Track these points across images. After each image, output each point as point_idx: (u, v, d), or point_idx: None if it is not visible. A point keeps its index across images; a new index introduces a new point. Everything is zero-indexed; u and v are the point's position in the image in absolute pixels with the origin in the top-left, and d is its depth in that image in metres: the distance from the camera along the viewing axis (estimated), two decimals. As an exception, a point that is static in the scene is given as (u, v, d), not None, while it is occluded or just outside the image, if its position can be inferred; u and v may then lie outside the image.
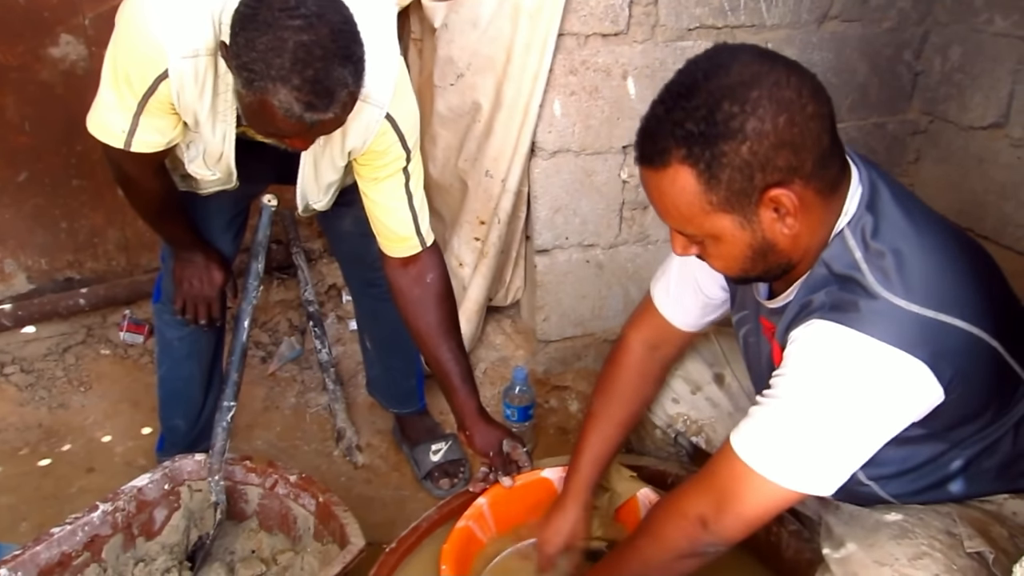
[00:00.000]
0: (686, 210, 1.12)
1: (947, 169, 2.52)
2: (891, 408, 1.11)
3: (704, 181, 1.08)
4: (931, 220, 1.19)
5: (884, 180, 1.19)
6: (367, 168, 1.61)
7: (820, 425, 1.11)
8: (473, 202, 2.30)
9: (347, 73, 1.28)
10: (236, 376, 1.69)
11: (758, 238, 1.13)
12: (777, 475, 1.13)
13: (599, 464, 1.58)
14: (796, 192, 1.09)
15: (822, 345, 1.12)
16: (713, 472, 1.21)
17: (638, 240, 2.40)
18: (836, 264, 1.14)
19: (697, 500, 1.21)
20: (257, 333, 2.63)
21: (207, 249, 1.81)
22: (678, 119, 1.07)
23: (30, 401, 2.38)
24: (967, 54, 2.38)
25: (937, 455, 1.24)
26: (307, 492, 1.69)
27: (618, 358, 1.60)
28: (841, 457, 1.13)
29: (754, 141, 1.05)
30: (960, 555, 1.15)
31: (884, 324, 1.08)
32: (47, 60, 2.34)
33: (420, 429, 2.22)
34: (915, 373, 1.08)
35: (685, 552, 1.24)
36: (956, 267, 1.15)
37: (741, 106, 1.05)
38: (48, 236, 2.53)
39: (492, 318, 2.58)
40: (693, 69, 1.10)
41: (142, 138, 1.48)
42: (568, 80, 2.15)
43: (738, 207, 1.10)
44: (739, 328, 1.45)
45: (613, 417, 1.59)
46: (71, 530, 1.57)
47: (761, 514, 1.17)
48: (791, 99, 1.06)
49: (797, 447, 1.12)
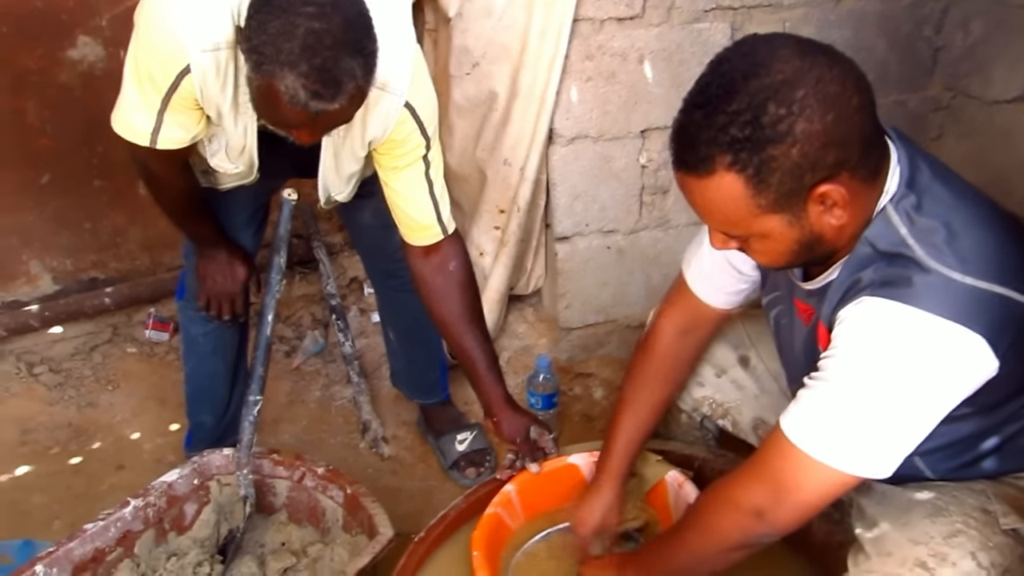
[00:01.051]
0: (733, 215, 1.10)
1: (971, 145, 2.48)
2: (948, 384, 1.08)
3: (753, 186, 1.05)
4: (973, 193, 1.16)
5: (922, 155, 1.17)
6: (387, 157, 1.61)
7: (876, 405, 1.08)
8: (492, 191, 2.29)
9: (356, 65, 1.27)
10: (261, 370, 1.69)
11: (806, 233, 1.11)
12: (834, 459, 1.09)
13: (632, 448, 1.57)
14: (843, 184, 1.07)
15: (875, 322, 1.09)
16: (765, 460, 1.17)
17: (659, 225, 2.38)
18: (881, 242, 1.12)
19: (751, 490, 1.17)
20: (280, 327, 2.64)
21: (229, 245, 1.82)
22: (721, 124, 1.04)
23: (59, 400, 2.41)
24: (989, 27, 2.34)
25: (979, 431, 1.22)
26: (335, 484, 1.70)
27: (649, 344, 1.58)
28: (899, 437, 1.09)
29: (804, 143, 1.02)
30: (996, 532, 1.14)
31: (940, 298, 1.05)
32: (66, 62, 2.35)
33: (445, 419, 2.22)
34: (973, 347, 1.06)
35: (738, 544, 1.21)
36: (1005, 238, 1.12)
37: (788, 107, 1.01)
38: (72, 237, 2.54)
39: (514, 307, 2.58)
40: (728, 68, 1.06)
41: (167, 135, 1.48)
42: (584, 66, 2.13)
43: (787, 207, 1.08)
44: (770, 309, 1.43)
45: (646, 402, 1.58)
46: (104, 526, 1.58)
47: (819, 501, 1.13)
48: (837, 94, 1.03)
49: (853, 429, 1.09)
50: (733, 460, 1.68)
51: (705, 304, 1.52)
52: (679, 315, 1.56)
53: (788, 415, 1.14)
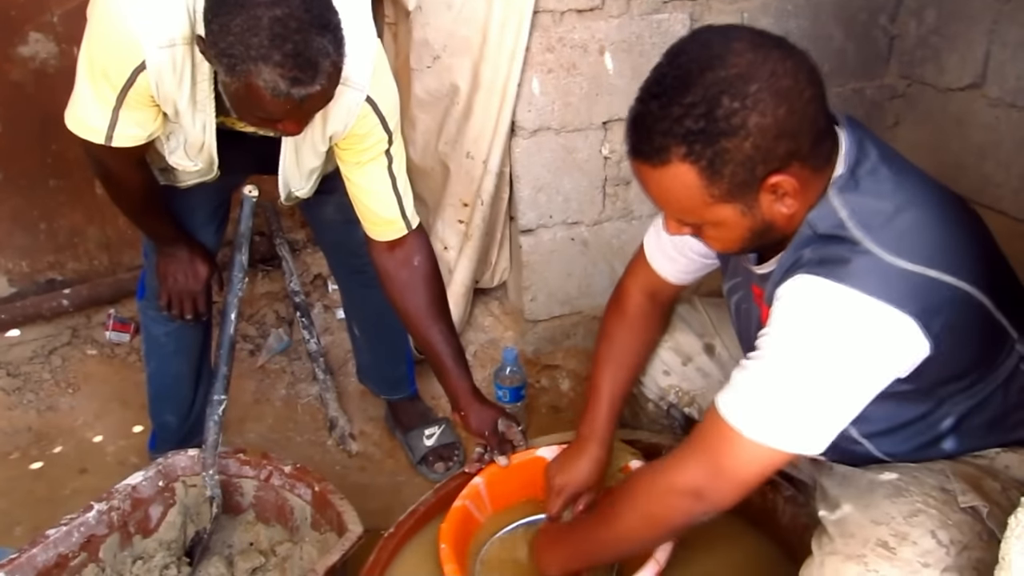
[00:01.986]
0: (687, 204, 1.12)
1: (927, 132, 2.52)
2: (877, 363, 1.10)
3: (706, 177, 1.08)
4: (918, 178, 1.19)
5: (872, 141, 1.19)
6: (349, 152, 1.60)
7: (805, 382, 1.10)
8: (455, 185, 2.29)
9: (327, 42, 1.27)
10: (225, 369, 1.68)
11: (758, 221, 1.14)
12: (767, 437, 1.11)
13: (615, 405, 1.58)
14: (794, 174, 1.09)
15: (806, 299, 1.11)
16: (702, 439, 1.18)
17: (622, 216, 2.39)
18: (821, 224, 1.14)
19: (688, 471, 1.18)
20: (244, 326, 2.61)
21: (190, 243, 1.80)
22: (676, 116, 1.06)
23: (18, 405, 2.36)
24: (942, 16, 2.38)
25: (927, 412, 1.25)
26: (302, 482, 1.69)
27: (619, 304, 1.61)
28: (828, 414, 1.11)
29: (756, 136, 1.05)
30: (955, 510, 1.17)
31: (871, 278, 1.08)
32: (17, 59, 2.31)
33: (412, 414, 2.22)
34: (902, 328, 1.08)
35: (679, 527, 1.23)
36: (944, 223, 1.15)
37: (742, 101, 1.03)
38: (27, 238, 2.50)
39: (479, 300, 2.58)
40: (685, 60, 1.08)
41: (123, 132, 1.46)
42: (545, 58, 2.14)
43: (740, 197, 1.10)
44: (731, 296, 1.45)
45: (622, 360, 1.59)
46: (67, 531, 1.56)
47: (755, 478, 1.15)
48: (789, 87, 1.05)
49: (784, 407, 1.11)
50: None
51: (661, 277, 1.56)
52: (643, 280, 1.59)
53: (723, 395, 1.16)
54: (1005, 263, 1.28)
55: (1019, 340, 1.24)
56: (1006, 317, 1.21)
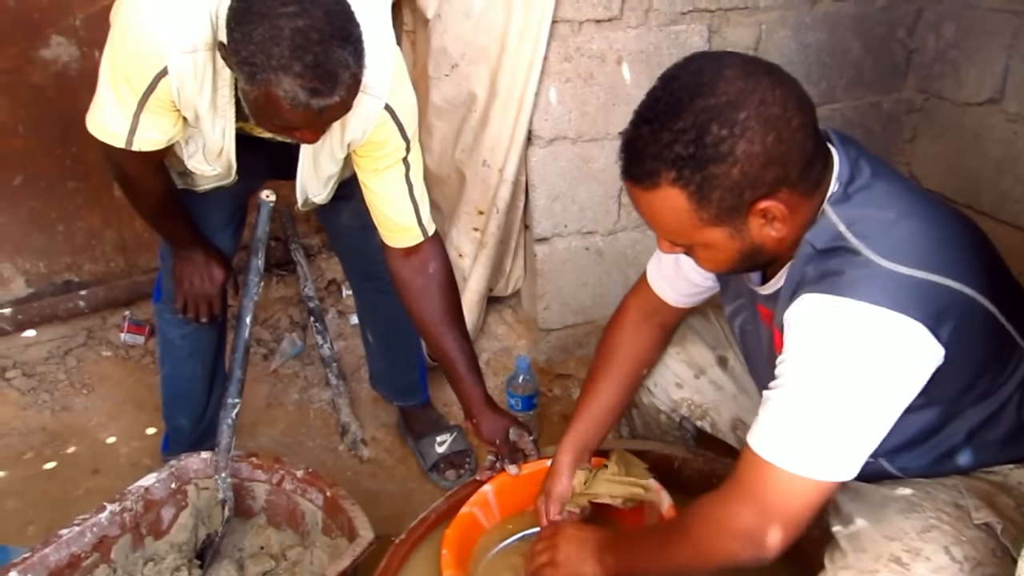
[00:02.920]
0: (676, 227, 1.15)
1: (944, 146, 2.52)
2: (898, 374, 1.09)
3: (695, 201, 1.10)
4: (913, 192, 1.20)
5: (865, 157, 1.20)
6: (367, 159, 1.61)
7: (831, 406, 1.09)
8: (471, 192, 2.29)
9: (347, 54, 1.28)
10: (240, 373, 1.68)
11: (747, 244, 1.16)
12: (804, 468, 1.09)
13: (592, 421, 1.59)
14: (783, 200, 1.11)
15: (814, 320, 1.11)
16: (745, 481, 1.15)
17: (637, 226, 2.39)
18: (820, 240, 1.15)
19: (738, 515, 1.15)
20: (258, 330, 2.62)
21: (207, 247, 1.81)
22: (666, 141, 1.08)
23: (33, 405, 2.38)
24: (961, 30, 2.38)
25: (939, 425, 1.24)
26: (314, 487, 1.69)
27: (617, 320, 1.63)
28: (860, 434, 1.10)
29: (744, 163, 1.07)
30: (968, 526, 1.16)
31: (873, 287, 1.08)
32: (39, 62, 2.33)
33: (424, 421, 2.22)
34: (913, 334, 1.07)
35: (728, 566, 1.20)
36: (942, 231, 1.15)
37: (730, 129, 1.05)
38: (45, 239, 2.52)
39: (493, 308, 2.58)
40: (677, 86, 1.10)
41: (143, 136, 1.47)
42: (563, 67, 2.14)
43: (728, 221, 1.13)
44: (733, 319, 1.46)
45: (609, 375, 1.61)
46: (79, 531, 1.57)
47: (805, 514, 1.12)
48: (778, 115, 1.07)
49: (819, 434, 1.09)
50: (712, 460, 1.69)
51: (661, 299, 1.58)
52: (643, 301, 1.61)
53: (755, 432, 1.15)
54: (1008, 273, 1.27)
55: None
56: (1013, 325, 1.20)
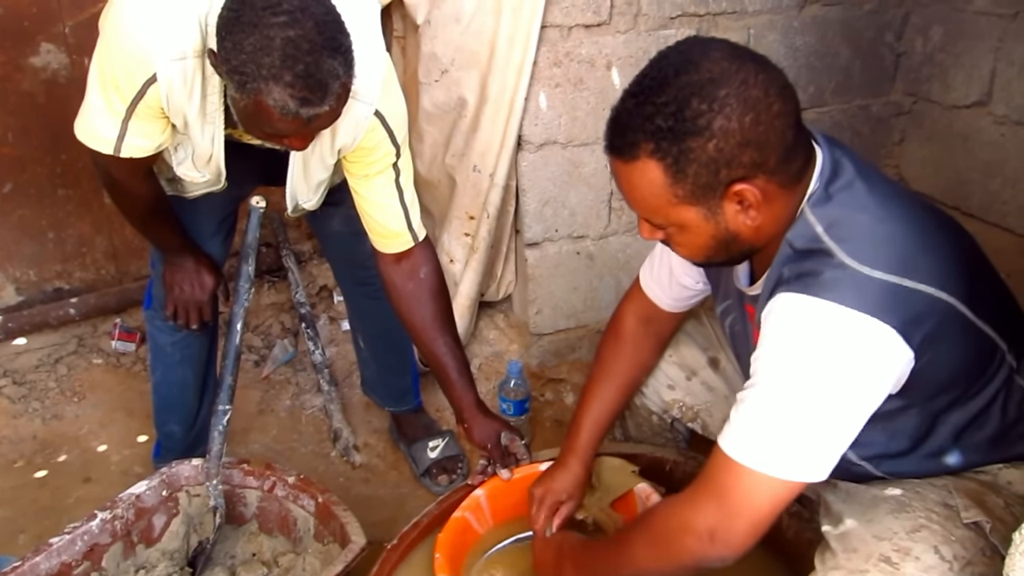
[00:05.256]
0: (653, 201, 1.15)
1: (932, 149, 2.53)
2: (866, 376, 1.10)
3: (671, 175, 1.11)
4: (895, 193, 1.20)
5: (849, 158, 1.20)
6: (357, 165, 1.61)
7: (798, 406, 1.10)
8: (462, 198, 2.30)
9: (337, 64, 1.29)
10: (231, 379, 1.68)
11: (722, 229, 1.17)
12: (771, 467, 1.10)
13: (599, 426, 1.61)
14: (759, 186, 1.12)
15: (786, 318, 1.12)
16: (712, 479, 1.16)
17: (628, 230, 2.40)
18: (799, 241, 1.16)
19: (702, 512, 1.15)
20: (249, 337, 2.62)
21: (197, 253, 1.80)
22: (648, 114, 1.10)
23: (23, 413, 2.37)
24: (948, 34, 2.39)
25: (923, 429, 1.25)
26: (306, 493, 1.69)
27: (614, 328, 1.64)
28: (827, 435, 1.11)
29: (720, 139, 1.08)
30: (957, 526, 1.16)
31: (847, 290, 1.09)
32: (28, 70, 2.32)
33: (417, 426, 2.22)
34: (882, 337, 1.08)
35: (690, 567, 1.20)
36: (920, 234, 1.15)
37: (709, 104, 1.07)
38: (35, 247, 2.51)
39: (485, 313, 2.59)
40: (664, 63, 1.12)
41: (131, 143, 1.47)
42: (552, 72, 2.15)
43: (703, 200, 1.13)
44: (724, 318, 1.46)
45: (611, 382, 1.62)
46: (70, 540, 1.56)
47: (769, 514, 1.13)
48: (758, 98, 1.08)
49: (782, 434, 1.10)
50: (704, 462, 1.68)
51: (655, 304, 1.59)
52: (639, 307, 1.62)
53: (725, 432, 1.16)
54: (991, 275, 1.28)
55: (1008, 351, 1.24)
56: (991, 327, 1.20)
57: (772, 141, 1.10)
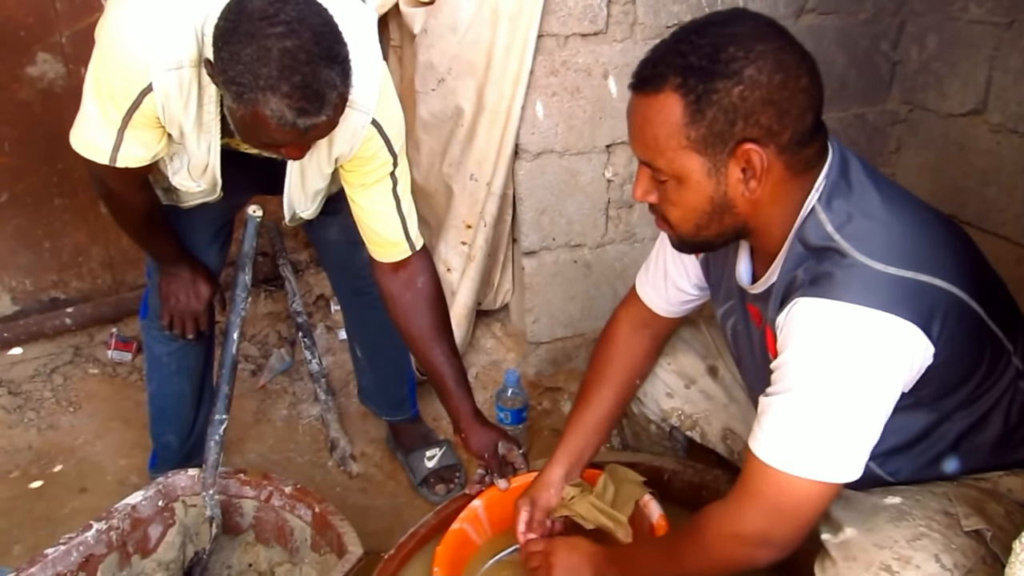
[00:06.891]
0: (663, 140, 1.15)
1: (928, 157, 2.53)
2: (891, 372, 1.11)
3: (690, 114, 1.12)
4: (901, 194, 1.21)
5: (856, 160, 1.22)
6: (354, 174, 1.61)
7: (833, 409, 1.11)
8: (459, 206, 2.30)
9: (335, 75, 1.28)
10: (227, 389, 1.68)
11: (720, 192, 1.16)
12: (811, 471, 1.12)
13: (588, 429, 1.60)
14: (768, 156, 1.12)
15: (809, 325, 1.12)
16: (753, 488, 1.17)
17: (625, 239, 2.40)
18: (811, 238, 1.16)
19: (751, 521, 1.17)
20: (246, 346, 2.61)
21: (193, 263, 1.80)
22: (683, 51, 1.12)
23: (19, 423, 2.36)
24: (944, 42, 2.40)
25: (930, 428, 1.25)
26: (303, 503, 1.68)
27: (608, 333, 1.65)
28: (860, 435, 1.12)
29: (747, 87, 1.09)
30: (958, 534, 1.16)
31: (863, 288, 1.09)
32: (24, 79, 2.32)
33: (414, 436, 2.21)
34: (905, 333, 1.09)
35: (741, 568, 1.22)
36: (929, 232, 1.17)
37: (746, 52, 1.09)
38: (32, 256, 2.50)
39: (482, 322, 2.58)
40: (711, 16, 1.17)
41: (127, 153, 1.47)
42: (549, 81, 2.15)
43: (711, 151, 1.13)
44: (725, 321, 1.46)
45: (603, 386, 1.61)
46: (65, 550, 1.55)
47: (813, 514, 1.15)
48: (791, 64, 1.11)
49: (818, 437, 1.11)
50: (702, 471, 1.69)
51: (650, 310, 1.59)
52: (634, 312, 1.62)
53: (758, 439, 1.16)
54: (994, 277, 1.29)
55: (1015, 353, 1.25)
56: (999, 327, 1.21)
57: (792, 113, 1.11)
